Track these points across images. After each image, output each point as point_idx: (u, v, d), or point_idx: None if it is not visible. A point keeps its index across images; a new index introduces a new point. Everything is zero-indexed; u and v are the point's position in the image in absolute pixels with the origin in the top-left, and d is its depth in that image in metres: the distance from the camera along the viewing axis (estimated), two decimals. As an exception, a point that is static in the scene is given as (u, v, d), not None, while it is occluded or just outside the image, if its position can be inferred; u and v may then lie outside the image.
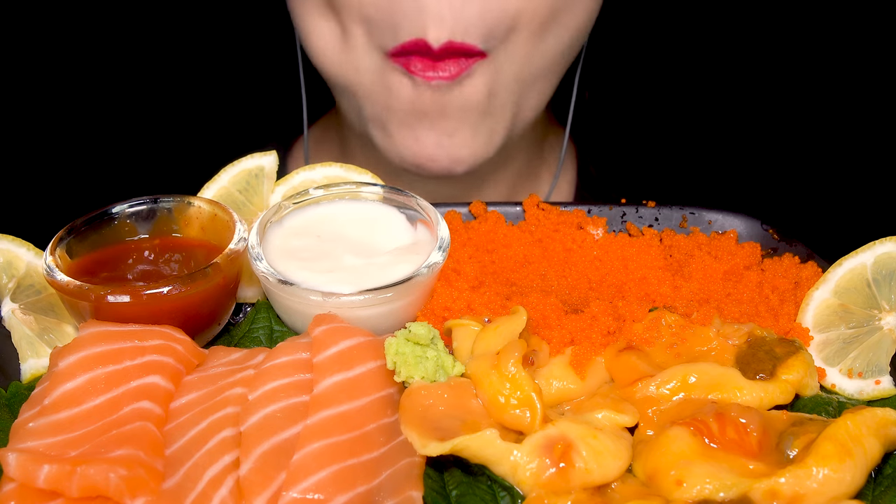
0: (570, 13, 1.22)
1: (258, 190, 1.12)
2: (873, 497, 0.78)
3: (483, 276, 1.03)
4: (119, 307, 0.91)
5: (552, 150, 1.53)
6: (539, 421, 0.80)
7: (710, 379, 0.86)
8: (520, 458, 0.78)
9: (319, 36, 1.25)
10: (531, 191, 1.51)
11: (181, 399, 0.86)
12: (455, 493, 0.79)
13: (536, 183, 1.51)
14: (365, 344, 0.88)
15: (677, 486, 0.75)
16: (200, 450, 0.80)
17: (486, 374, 0.83)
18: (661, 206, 1.16)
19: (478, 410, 0.83)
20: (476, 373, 0.84)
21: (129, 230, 1.03)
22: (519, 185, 1.48)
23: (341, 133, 1.49)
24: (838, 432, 0.75)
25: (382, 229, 1.05)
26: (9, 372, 0.94)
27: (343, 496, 0.75)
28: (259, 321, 1.01)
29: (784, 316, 0.99)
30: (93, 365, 0.85)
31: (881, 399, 0.91)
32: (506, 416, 0.82)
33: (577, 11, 1.23)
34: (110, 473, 0.74)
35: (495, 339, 0.86)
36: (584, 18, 1.25)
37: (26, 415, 0.84)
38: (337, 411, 0.81)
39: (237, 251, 0.97)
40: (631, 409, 0.84)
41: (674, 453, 0.77)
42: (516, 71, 1.22)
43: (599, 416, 0.83)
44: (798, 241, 1.10)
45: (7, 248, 0.99)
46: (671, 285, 1.03)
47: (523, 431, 0.81)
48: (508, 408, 0.81)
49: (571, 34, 1.24)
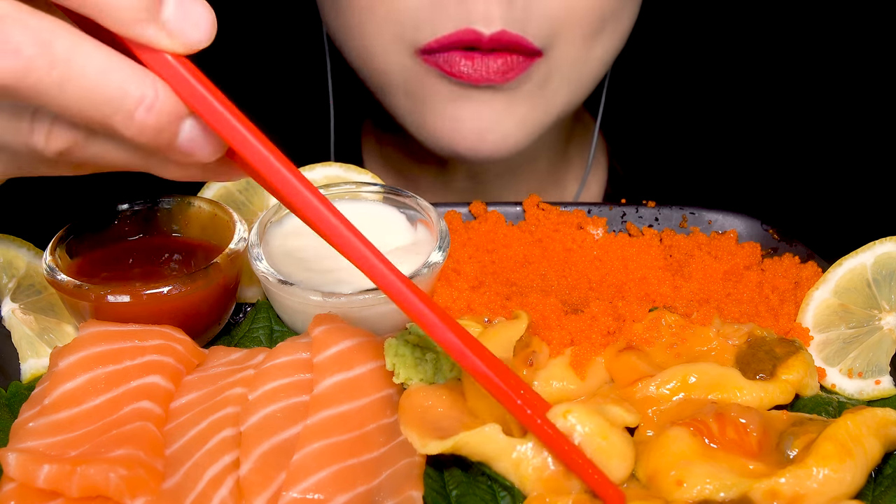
0: (618, 21, 1.22)
1: (258, 190, 1.12)
2: (873, 497, 0.78)
3: (483, 276, 1.03)
4: (119, 307, 0.91)
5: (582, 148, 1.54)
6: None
7: (710, 379, 0.86)
8: (523, 453, 0.77)
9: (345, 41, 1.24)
10: (561, 190, 1.50)
11: (181, 399, 0.86)
12: (455, 493, 0.79)
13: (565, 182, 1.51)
14: (365, 344, 0.88)
15: (677, 487, 0.74)
16: (200, 450, 0.80)
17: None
18: (661, 206, 1.16)
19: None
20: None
21: (129, 230, 1.03)
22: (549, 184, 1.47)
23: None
24: (838, 432, 0.75)
25: (382, 229, 1.05)
26: (9, 372, 0.94)
27: (343, 496, 0.75)
28: (259, 321, 1.01)
29: (784, 316, 0.99)
30: (93, 365, 0.85)
31: (881, 399, 0.91)
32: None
33: (624, 19, 1.23)
34: (110, 473, 0.74)
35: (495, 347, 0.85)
36: (629, 26, 1.26)
37: (26, 415, 0.84)
38: (337, 411, 0.81)
39: (237, 251, 0.97)
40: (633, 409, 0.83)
41: (674, 454, 0.77)
42: (569, 72, 1.21)
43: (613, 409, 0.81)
44: (798, 241, 1.10)
45: (7, 248, 0.99)
46: (671, 285, 1.03)
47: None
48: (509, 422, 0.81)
49: (616, 43, 1.25)
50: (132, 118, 0.65)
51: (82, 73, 0.63)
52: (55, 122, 0.68)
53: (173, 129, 0.67)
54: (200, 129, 0.69)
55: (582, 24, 1.17)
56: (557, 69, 1.20)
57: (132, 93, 0.65)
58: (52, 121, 0.68)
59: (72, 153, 0.70)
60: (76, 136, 0.69)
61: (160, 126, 0.66)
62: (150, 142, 0.67)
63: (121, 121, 0.65)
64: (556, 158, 1.48)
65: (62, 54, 0.63)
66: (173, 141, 0.68)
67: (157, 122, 0.66)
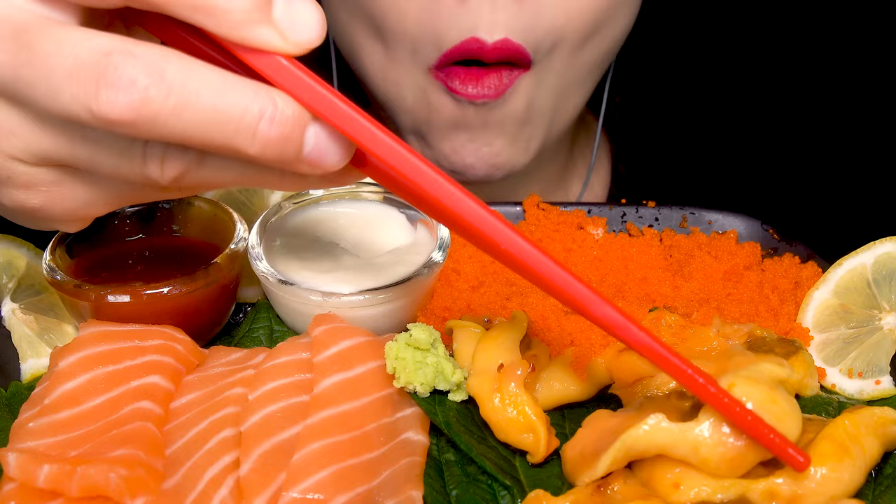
0: (611, 25, 1.21)
1: (258, 190, 1.12)
2: (873, 497, 0.78)
3: (483, 276, 1.03)
4: (119, 307, 0.91)
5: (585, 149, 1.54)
6: (544, 445, 0.80)
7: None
8: (700, 434, 0.73)
9: (367, 55, 1.24)
10: (565, 191, 1.51)
11: (181, 399, 0.86)
12: (455, 493, 0.79)
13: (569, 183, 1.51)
14: (365, 344, 0.88)
15: (675, 490, 0.74)
16: (200, 450, 0.80)
17: (488, 397, 0.83)
18: (661, 206, 1.16)
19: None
20: (479, 393, 0.84)
21: (129, 230, 1.03)
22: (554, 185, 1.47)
23: None
24: (836, 432, 0.75)
25: (382, 229, 1.05)
26: (9, 372, 0.94)
27: (343, 496, 0.75)
28: (259, 321, 1.01)
29: (784, 316, 0.99)
30: (93, 365, 0.85)
31: (881, 399, 0.91)
32: (512, 438, 0.82)
33: (618, 22, 1.23)
34: (110, 473, 0.74)
35: (496, 351, 0.85)
36: (624, 28, 1.25)
37: (26, 415, 0.84)
38: (337, 411, 0.81)
39: (237, 251, 0.97)
40: (782, 361, 0.79)
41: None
42: (555, 82, 1.22)
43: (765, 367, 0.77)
44: (798, 241, 1.10)
45: (7, 248, 1.00)
46: (671, 285, 1.03)
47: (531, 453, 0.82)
48: (513, 432, 0.82)
49: (609, 45, 1.24)
50: (255, 135, 0.63)
51: (199, 97, 0.61)
52: (167, 148, 0.67)
53: (298, 138, 0.64)
54: (327, 134, 0.65)
55: (576, 32, 1.17)
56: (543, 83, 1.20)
57: (252, 108, 0.62)
58: (165, 148, 0.67)
59: (185, 178, 0.68)
60: (189, 161, 0.67)
61: (285, 137, 0.63)
62: (275, 156, 0.64)
63: (244, 140, 0.63)
64: (560, 161, 1.48)
65: (177, 80, 0.61)
66: (300, 152, 0.65)
67: (281, 134, 0.63)
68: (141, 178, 0.69)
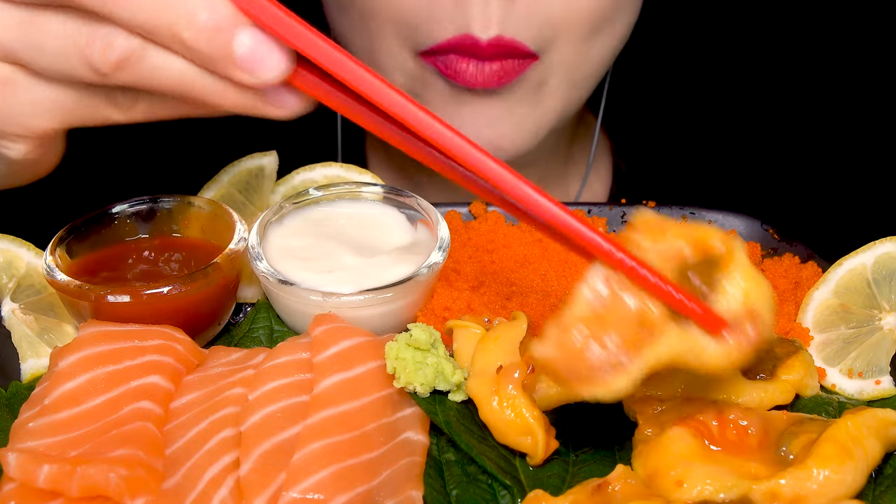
0: (616, 22, 1.22)
1: (258, 190, 1.12)
2: (874, 497, 0.78)
3: (483, 276, 1.03)
4: (119, 307, 0.91)
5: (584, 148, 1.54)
6: (542, 447, 0.80)
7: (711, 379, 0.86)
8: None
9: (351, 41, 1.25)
10: (564, 190, 1.50)
11: (181, 399, 0.86)
12: (455, 493, 0.79)
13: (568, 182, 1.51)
14: (365, 344, 0.88)
15: (677, 487, 0.74)
16: (200, 450, 0.80)
17: (487, 399, 0.83)
18: (661, 206, 1.16)
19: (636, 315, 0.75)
20: (478, 395, 0.84)
21: (129, 230, 1.02)
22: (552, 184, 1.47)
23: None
24: (839, 433, 0.75)
25: (382, 229, 1.05)
26: (9, 372, 0.94)
27: (343, 496, 0.75)
28: (259, 321, 1.01)
29: (784, 316, 0.99)
30: (93, 365, 0.85)
31: (881, 399, 0.91)
32: (510, 440, 0.82)
33: (623, 19, 1.24)
34: (110, 473, 0.74)
35: (495, 352, 0.85)
36: (628, 25, 1.26)
37: (26, 415, 0.84)
38: (337, 411, 0.81)
39: (237, 251, 0.97)
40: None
41: (674, 454, 0.77)
42: (565, 73, 1.22)
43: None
44: (798, 241, 1.10)
45: (7, 248, 0.99)
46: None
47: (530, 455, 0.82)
48: (511, 434, 0.82)
49: (615, 43, 1.25)
50: (193, 21, 0.65)
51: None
52: (111, 33, 0.69)
53: (230, 31, 0.66)
54: (262, 38, 0.67)
55: (579, 26, 1.18)
56: (554, 71, 1.21)
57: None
58: (108, 33, 0.69)
59: (127, 67, 0.70)
60: (133, 48, 0.69)
61: (218, 28, 0.65)
62: (208, 48, 0.66)
63: (184, 25, 0.66)
64: (558, 159, 1.48)
65: None
66: (231, 50, 0.66)
67: (217, 24, 0.65)
68: (82, 64, 0.70)
